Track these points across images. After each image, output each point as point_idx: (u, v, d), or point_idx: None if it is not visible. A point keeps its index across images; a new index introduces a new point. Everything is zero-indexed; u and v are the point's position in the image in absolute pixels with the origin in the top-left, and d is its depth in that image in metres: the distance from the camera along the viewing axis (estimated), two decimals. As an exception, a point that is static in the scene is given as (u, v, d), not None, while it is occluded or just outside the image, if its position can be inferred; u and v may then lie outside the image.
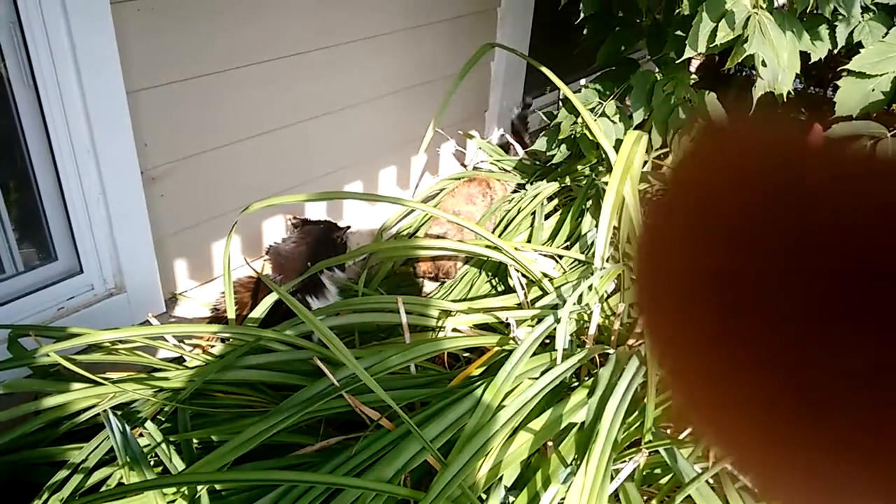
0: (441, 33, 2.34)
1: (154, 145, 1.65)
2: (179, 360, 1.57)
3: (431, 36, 2.31)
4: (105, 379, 1.37)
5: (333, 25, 1.96)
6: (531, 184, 2.46)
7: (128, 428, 1.23)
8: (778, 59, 1.63)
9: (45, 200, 1.56)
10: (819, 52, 2.04)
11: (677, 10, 1.95)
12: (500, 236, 2.23)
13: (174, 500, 1.24)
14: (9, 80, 1.41)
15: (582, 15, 2.11)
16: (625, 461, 1.31)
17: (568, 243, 2.19)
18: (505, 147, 2.78)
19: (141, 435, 1.32)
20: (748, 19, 1.56)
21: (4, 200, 1.51)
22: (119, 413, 1.33)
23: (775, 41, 1.60)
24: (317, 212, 2.20)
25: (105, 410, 1.24)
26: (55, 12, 1.36)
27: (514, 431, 1.33)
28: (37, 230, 1.59)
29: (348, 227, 1.87)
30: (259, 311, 1.63)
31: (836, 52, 2.08)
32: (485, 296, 2.01)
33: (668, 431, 1.43)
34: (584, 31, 2.26)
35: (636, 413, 1.41)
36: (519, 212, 2.31)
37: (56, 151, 1.50)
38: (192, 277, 1.90)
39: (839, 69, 2.72)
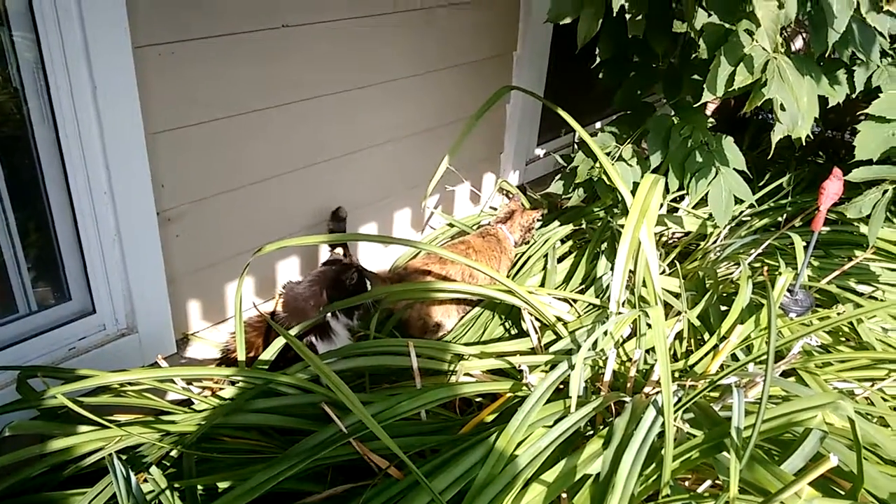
0: (458, 77, 2.36)
1: (171, 187, 1.66)
2: (188, 403, 1.55)
3: (448, 80, 2.33)
4: (112, 422, 1.35)
5: (350, 70, 1.98)
6: (543, 226, 2.45)
7: (132, 474, 1.21)
8: (797, 104, 1.61)
9: (61, 240, 1.57)
10: (838, 96, 2.03)
11: (694, 55, 1.95)
12: (513, 279, 2.21)
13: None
14: (30, 121, 1.44)
15: (598, 59, 2.12)
16: (642, 516, 1.26)
17: (582, 287, 2.15)
18: (522, 189, 2.78)
19: (145, 480, 1.29)
20: (767, 63, 1.55)
21: (21, 240, 1.52)
22: (124, 457, 1.31)
23: (794, 85, 1.59)
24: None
25: (110, 455, 1.22)
26: (78, 56, 1.39)
27: (527, 483, 1.29)
28: (52, 270, 1.60)
29: (356, 269, 1.85)
30: (269, 354, 1.62)
31: (854, 96, 2.06)
32: (498, 339, 1.97)
33: (687, 484, 1.38)
34: (601, 76, 2.26)
35: (653, 465, 1.36)
36: (533, 254, 2.29)
37: (73, 192, 1.52)
38: (204, 318, 1.89)
39: (858, 113, 2.70)
